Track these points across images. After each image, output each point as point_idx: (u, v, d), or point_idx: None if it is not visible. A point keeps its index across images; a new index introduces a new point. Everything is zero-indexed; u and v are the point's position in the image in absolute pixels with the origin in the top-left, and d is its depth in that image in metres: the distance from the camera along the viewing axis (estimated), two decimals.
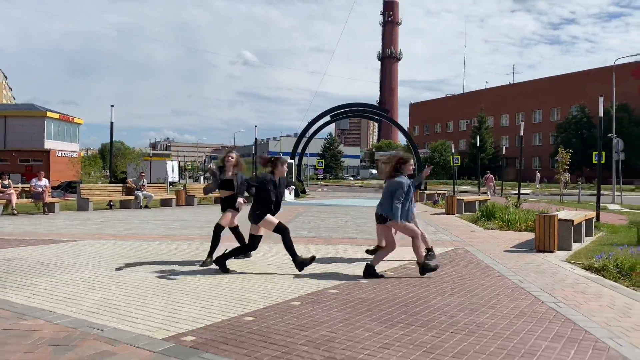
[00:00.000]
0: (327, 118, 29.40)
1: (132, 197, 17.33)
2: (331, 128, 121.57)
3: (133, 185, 17.74)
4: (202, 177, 54.98)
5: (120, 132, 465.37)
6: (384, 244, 7.03)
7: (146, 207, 17.52)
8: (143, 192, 17.54)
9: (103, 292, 5.10)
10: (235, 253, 6.36)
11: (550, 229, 8.21)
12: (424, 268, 6.16)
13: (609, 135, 26.57)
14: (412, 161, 6.42)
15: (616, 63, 33.41)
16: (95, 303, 4.63)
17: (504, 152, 37.74)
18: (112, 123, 17.77)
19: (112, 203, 17.63)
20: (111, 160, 18.38)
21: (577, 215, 9.20)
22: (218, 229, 6.58)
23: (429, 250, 7.08)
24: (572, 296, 5.20)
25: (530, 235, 10.30)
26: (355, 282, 5.79)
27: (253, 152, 26.00)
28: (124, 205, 17.44)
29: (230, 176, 6.75)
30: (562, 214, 8.83)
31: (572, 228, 8.55)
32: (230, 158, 6.83)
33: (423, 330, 3.98)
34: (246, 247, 6.45)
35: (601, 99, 13.33)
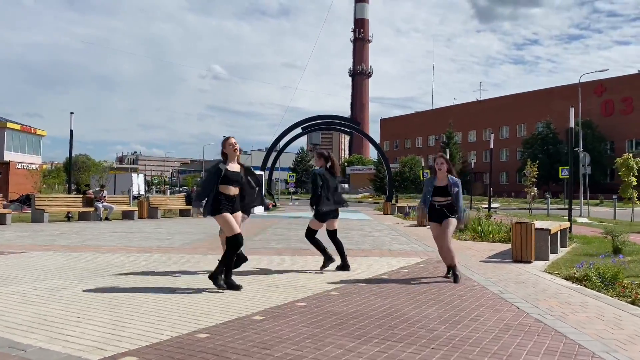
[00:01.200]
0: (299, 130, 29.03)
1: (91, 209, 16.47)
2: (303, 142, 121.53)
3: (93, 196, 16.89)
4: (169, 191, 53.68)
5: (87, 145, 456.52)
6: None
7: (106, 219, 16.68)
8: (103, 204, 16.69)
9: (38, 306, 4.47)
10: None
11: (527, 239, 7.92)
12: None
13: (576, 149, 26.96)
14: (439, 160, 6.58)
15: (580, 81, 34.22)
16: (26, 319, 4.02)
17: (472, 167, 38.00)
18: (71, 131, 16.94)
19: (70, 215, 16.74)
20: (70, 170, 17.47)
21: (552, 224, 8.96)
22: (235, 242, 5.35)
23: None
24: (557, 307, 4.84)
25: (504, 247, 10.04)
26: (325, 294, 5.32)
27: None
28: (82, 217, 16.55)
29: (238, 169, 5.58)
30: (539, 224, 8.56)
31: (549, 237, 8.29)
32: (233, 143, 5.56)
33: (401, 346, 3.52)
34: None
35: (572, 110, 13.32)
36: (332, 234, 6.96)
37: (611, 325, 4.20)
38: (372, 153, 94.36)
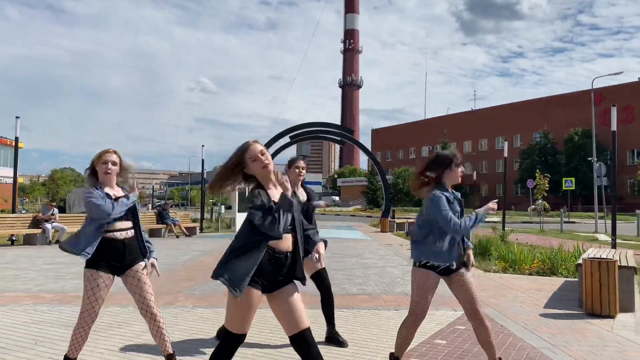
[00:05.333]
0: (287, 139, 26.56)
1: (38, 231, 13.85)
2: (292, 154, 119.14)
3: (41, 215, 14.28)
4: (149, 205, 50.92)
5: (74, 158, 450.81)
6: None
7: (57, 242, 14.06)
8: (53, 224, 14.07)
9: None
10: None
11: (608, 283, 5.51)
12: None
13: (590, 159, 24.85)
14: (454, 158, 3.55)
15: (593, 86, 32.21)
16: None
17: (475, 178, 35.77)
18: (17, 138, 14.35)
19: (14, 238, 14.09)
20: (15, 183, 14.81)
21: (630, 257, 6.57)
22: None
23: None
24: None
25: (550, 283, 7.69)
26: None
27: (203, 175, 22.77)
28: (28, 240, 13.91)
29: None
30: (622, 259, 6.15)
31: (634, 278, 5.90)
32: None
33: None
34: None
35: (614, 110, 11.03)
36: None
37: None
38: (363, 164, 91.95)
